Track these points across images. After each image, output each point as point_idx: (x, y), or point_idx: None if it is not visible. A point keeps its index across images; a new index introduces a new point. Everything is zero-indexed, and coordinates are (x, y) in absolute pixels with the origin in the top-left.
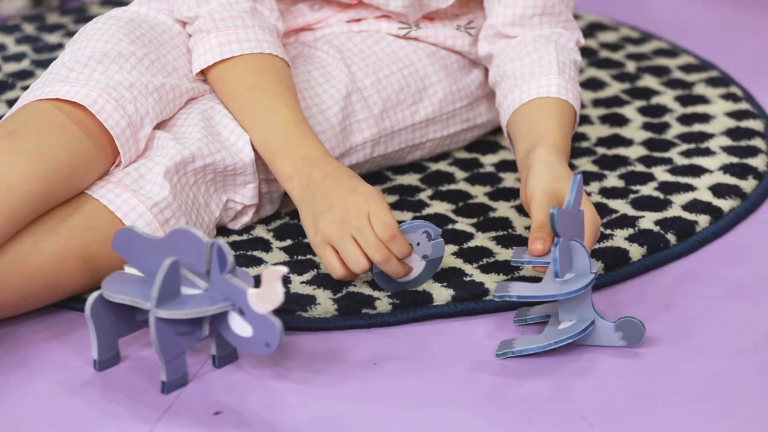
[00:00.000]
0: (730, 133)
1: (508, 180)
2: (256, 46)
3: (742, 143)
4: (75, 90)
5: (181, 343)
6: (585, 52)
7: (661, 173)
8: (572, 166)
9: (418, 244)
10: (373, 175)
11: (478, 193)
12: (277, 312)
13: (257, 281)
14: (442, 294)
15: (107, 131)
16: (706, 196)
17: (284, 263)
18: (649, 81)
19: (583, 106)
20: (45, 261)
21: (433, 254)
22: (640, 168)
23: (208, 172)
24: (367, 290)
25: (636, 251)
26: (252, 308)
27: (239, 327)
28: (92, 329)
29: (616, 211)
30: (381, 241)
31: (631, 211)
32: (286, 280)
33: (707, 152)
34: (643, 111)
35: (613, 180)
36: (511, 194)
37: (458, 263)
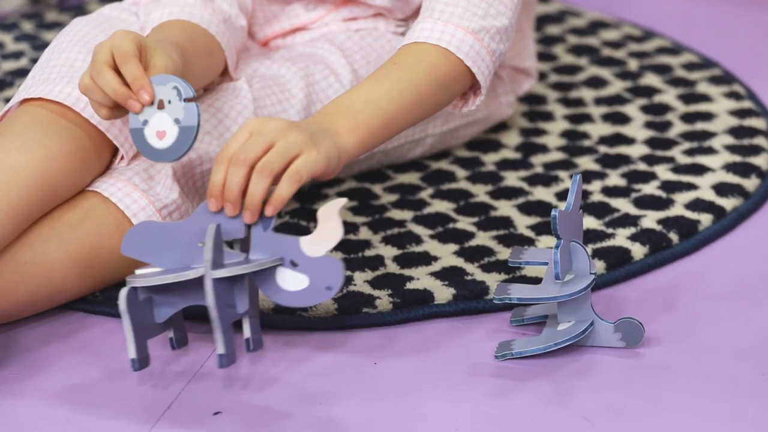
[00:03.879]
0: (733, 131)
1: (510, 178)
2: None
3: (745, 142)
4: (58, 89)
5: (230, 315)
6: (587, 50)
7: (663, 172)
8: (573, 165)
9: (169, 102)
10: (374, 173)
11: (479, 192)
12: (276, 312)
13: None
14: (443, 293)
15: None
16: (709, 195)
17: None
18: (651, 79)
19: (584, 104)
20: (53, 270)
21: (185, 120)
22: (642, 167)
23: None
24: (367, 290)
25: (638, 250)
26: (307, 255)
27: (291, 281)
28: (127, 326)
29: (618, 210)
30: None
31: (633, 210)
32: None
33: (710, 151)
34: (645, 109)
35: (615, 179)
36: (513, 193)
37: (459, 262)
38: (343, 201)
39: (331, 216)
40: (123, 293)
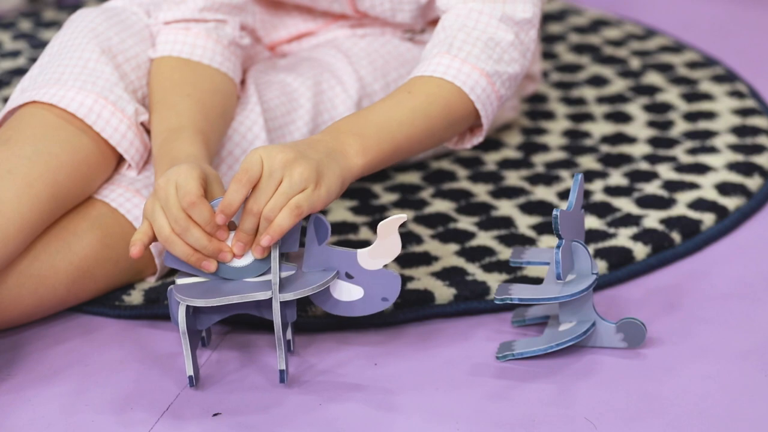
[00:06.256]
0: (736, 130)
1: (511, 178)
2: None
3: (748, 141)
4: (70, 96)
5: (285, 329)
6: (589, 48)
7: (665, 171)
8: (575, 164)
9: None
10: (375, 172)
11: (480, 192)
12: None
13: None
14: (444, 293)
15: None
16: (712, 195)
17: None
18: (653, 78)
19: (586, 103)
20: (58, 281)
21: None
22: (644, 166)
23: None
24: None
25: (640, 250)
26: (364, 268)
27: (345, 292)
28: (186, 345)
29: (619, 210)
30: (183, 209)
31: (635, 210)
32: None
33: (712, 150)
34: (647, 108)
35: (617, 178)
36: (514, 193)
37: (460, 262)
38: (403, 217)
39: (391, 231)
40: (182, 315)
